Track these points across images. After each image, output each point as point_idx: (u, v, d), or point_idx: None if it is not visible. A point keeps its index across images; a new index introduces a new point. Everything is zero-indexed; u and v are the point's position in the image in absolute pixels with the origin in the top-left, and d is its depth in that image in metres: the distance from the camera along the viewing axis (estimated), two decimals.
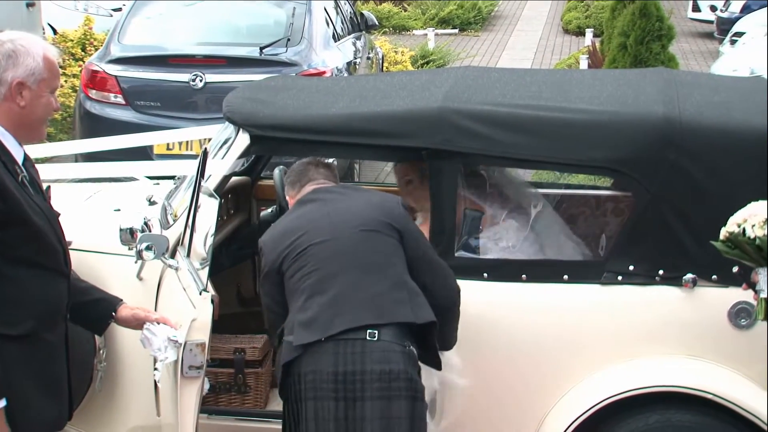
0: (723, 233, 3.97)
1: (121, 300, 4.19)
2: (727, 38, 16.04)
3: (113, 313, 4.14)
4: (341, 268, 4.24)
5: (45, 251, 3.72)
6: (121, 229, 4.58)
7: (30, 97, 3.68)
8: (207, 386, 4.47)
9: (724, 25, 17.84)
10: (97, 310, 4.15)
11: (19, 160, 3.75)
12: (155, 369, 4.24)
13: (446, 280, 4.41)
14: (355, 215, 4.36)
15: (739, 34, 15.54)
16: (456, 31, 21.37)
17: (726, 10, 18.97)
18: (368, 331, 4.10)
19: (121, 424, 4.91)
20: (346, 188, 4.66)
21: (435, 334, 4.26)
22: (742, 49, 14.38)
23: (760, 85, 5.34)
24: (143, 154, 8.20)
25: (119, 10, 13.77)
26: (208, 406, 4.90)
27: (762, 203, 3.90)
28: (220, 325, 4.71)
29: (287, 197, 4.71)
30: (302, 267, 4.25)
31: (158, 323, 4.15)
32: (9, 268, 3.60)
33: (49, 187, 4.08)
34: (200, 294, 4.22)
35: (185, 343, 4.14)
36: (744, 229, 3.85)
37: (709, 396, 4.38)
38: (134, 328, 4.20)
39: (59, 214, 3.98)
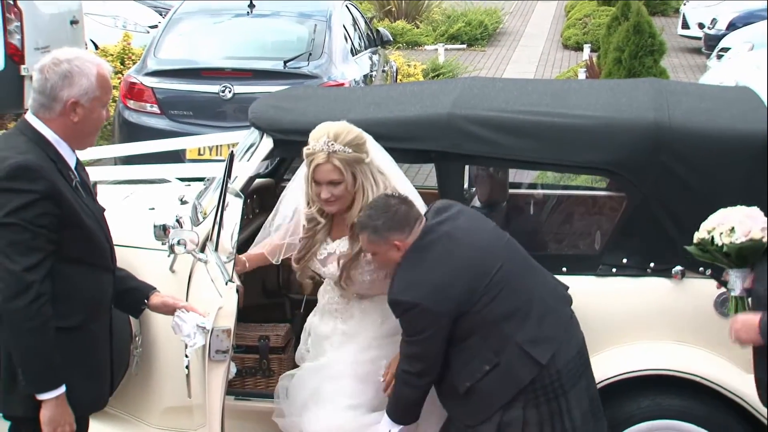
0: (695, 238, 3.91)
1: (155, 288, 4.20)
2: (714, 53, 15.97)
3: (146, 300, 4.15)
4: (526, 280, 4.16)
5: (95, 250, 3.76)
6: (155, 226, 4.59)
7: (83, 113, 3.71)
8: (234, 370, 4.47)
9: (711, 42, 17.76)
10: (133, 297, 4.17)
11: (72, 165, 3.78)
12: (185, 355, 4.26)
13: None
14: (487, 233, 4.25)
15: (725, 50, 15.47)
16: (464, 46, 21.34)
17: (713, 27, 18.89)
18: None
19: (156, 405, 4.92)
20: (442, 215, 4.25)
21: None
22: (727, 63, 14.32)
23: (743, 93, 5.32)
24: (176, 158, 8.21)
25: (155, 26, 13.80)
26: (235, 389, 4.90)
27: (730, 211, 3.85)
28: (246, 315, 4.72)
29: (395, 242, 4.10)
30: (496, 296, 4.03)
31: (187, 311, 4.17)
32: (63, 267, 3.63)
33: (95, 184, 4.11)
34: (226, 284, 4.23)
35: (212, 329, 4.16)
36: (713, 237, 3.79)
37: (696, 378, 4.36)
38: (165, 313, 4.23)
39: (104, 209, 4.01)
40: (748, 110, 4.82)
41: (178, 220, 4.67)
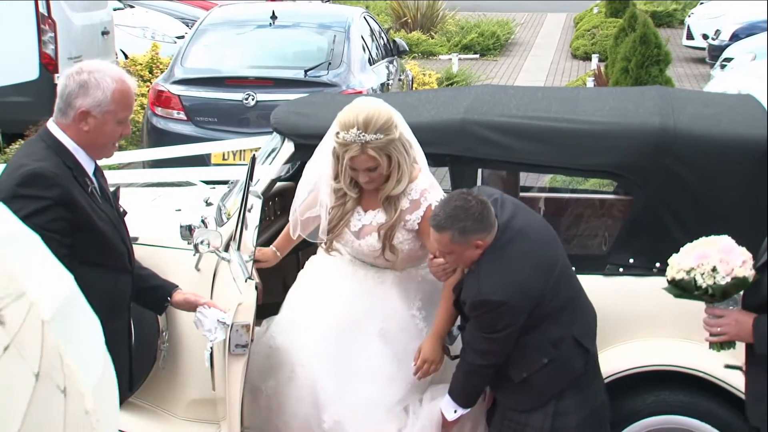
0: (669, 275, 3.61)
1: (177, 286, 4.21)
2: (718, 63, 15.92)
3: (169, 298, 4.16)
4: (571, 271, 4.17)
5: (110, 252, 3.75)
6: (181, 226, 4.61)
7: (94, 123, 3.69)
8: None
9: (715, 52, 17.71)
10: (156, 295, 4.18)
11: (90, 171, 3.77)
12: (206, 349, 4.27)
13: None
14: (544, 225, 4.20)
15: (728, 60, 15.42)
16: (477, 56, 21.32)
17: (717, 38, 18.83)
18: None
19: (181, 397, 4.92)
20: (507, 210, 4.10)
21: None
22: (730, 72, 14.27)
23: (745, 100, 5.31)
24: (201, 162, 8.24)
25: (182, 37, 13.82)
26: None
27: (703, 247, 3.58)
28: (266, 312, 4.72)
29: (477, 242, 3.92)
30: (558, 289, 4.00)
31: (208, 307, 4.18)
32: (79, 268, 3.59)
33: (118, 187, 4.10)
34: (245, 281, 4.24)
35: (232, 325, 4.16)
36: (695, 279, 3.51)
37: (701, 374, 4.34)
38: (187, 310, 4.24)
39: (126, 213, 4.00)
40: (749, 116, 4.80)
41: (203, 221, 4.68)
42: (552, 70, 19.87)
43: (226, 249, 4.65)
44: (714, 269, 3.45)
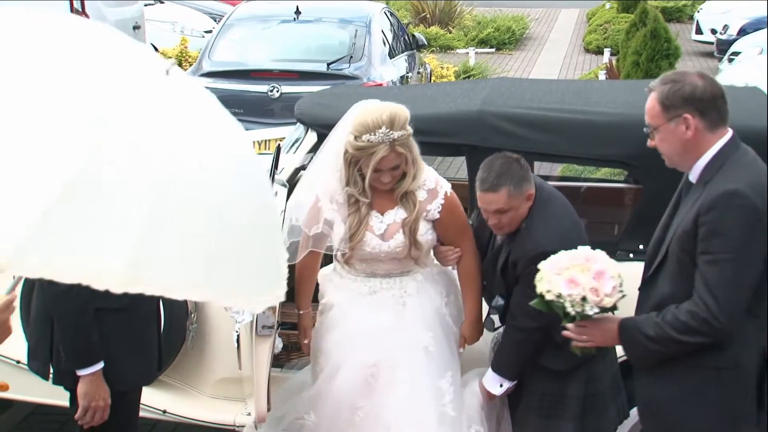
0: (540, 288, 3.46)
1: None
2: (726, 57, 15.81)
3: None
4: None
5: None
6: None
7: None
8: (280, 345, 4.49)
9: (723, 46, 17.60)
10: None
11: None
12: (235, 330, 4.28)
13: None
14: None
15: (736, 54, 15.32)
16: (493, 50, 21.27)
17: (725, 33, 18.72)
18: None
19: (209, 377, 4.94)
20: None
21: None
22: (738, 66, 14.17)
23: (752, 93, 5.27)
24: None
25: (210, 31, 13.84)
26: (281, 361, 4.91)
27: (573, 267, 3.42)
28: (292, 295, 4.72)
29: (529, 192, 3.92)
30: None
31: None
32: None
33: None
34: None
35: None
36: (564, 306, 3.37)
37: None
38: None
39: None
40: (756, 108, 4.77)
41: None
42: (565, 63, 19.80)
43: None
44: (584, 299, 3.35)
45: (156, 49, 14.66)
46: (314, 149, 5.00)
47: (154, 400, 4.68)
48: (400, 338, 4.12)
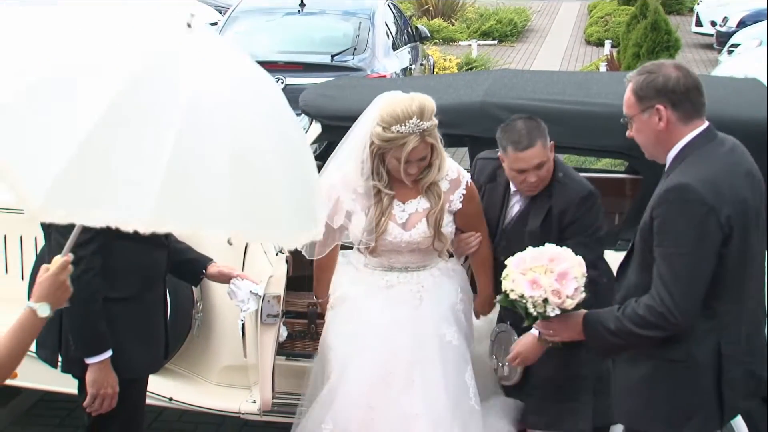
0: (504, 286, 3.44)
1: (211, 259, 4.22)
2: (725, 49, 15.79)
3: (204, 270, 4.17)
4: None
5: (140, 243, 3.67)
6: None
7: None
8: (285, 334, 4.49)
9: (723, 38, 17.58)
10: (192, 268, 4.18)
11: None
12: (240, 319, 4.28)
13: None
14: None
15: (736, 46, 15.30)
16: (495, 42, 21.24)
17: (724, 25, 18.68)
18: None
19: (214, 364, 4.94)
20: None
21: None
22: (738, 58, 14.15)
23: (751, 84, 5.27)
24: None
25: (215, 24, 13.82)
26: (286, 350, 4.91)
27: (537, 267, 3.40)
28: (296, 284, 4.73)
29: (551, 143, 4.04)
30: None
31: (241, 279, 4.17)
32: (119, 243, 3.61)
33: None
34: (276, 255, 4.24)
35: (264, 296, 4.17)
36: (526, 306, 3.37)
37: None
38: (221, 282, 4.24)
39: None
40: (755, 99, 4.76)
41: None
42: (566, 55, 19.77)
43: None
44: (545, 301, 3.34)
45: None
46: (318, 140, 5.01)
47: (160, 387, 4.69)
48: (417, 333, 4.06)
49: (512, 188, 4.20)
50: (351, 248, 4.21)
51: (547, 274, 3.36)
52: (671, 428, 3.29)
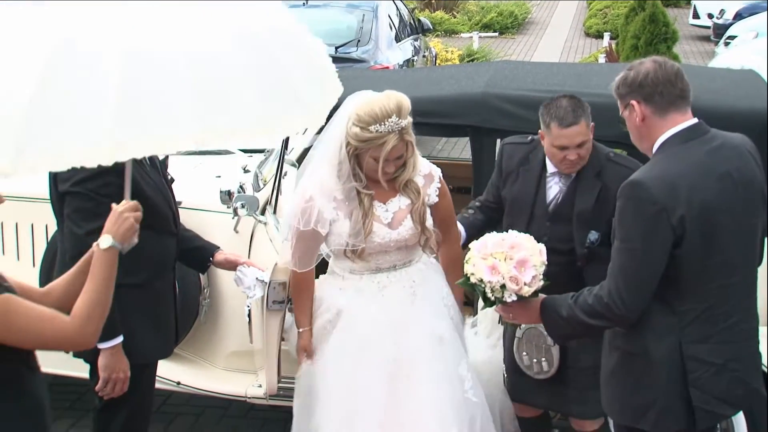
0: (466, 269, 3.42)
1: (218, 247, 4.22)
2: (722, 41, 15.77)
3: (211, 258, 4.17)
4: None
5: (156, 216, 3.70)
6: (221, 192, 4.61)
7: None
8: (290, 320, 4.48)
9: (720, 30, 17.54)
10: (199, 255, 4.20)
11: None
12: (246, 305, 4.29)
13: None
14: None
15: (732, 37, 15.28)
16: (496, 34, 21.21)
17: (721, 17, 18.65)
18: None
19: (221, 350, 4.95)
20: None
21: None
22: (734, 50, 14.12)
23: (748, 76, 5.26)
24: None
25: None
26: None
27: (499, 256, 3.36)
28: None
29: (592, 123, 4.04)
30: None
31: (247, 266, 4.17)
32: None
33: (166, 157, 4.11)
34: (282, 242, 4.24)
35: (269, 282, 4.17)
36: (484, 290, 3.35)
37: None
38: (228, 269, 4.25)
39: (173, 180, 4.00)
40: (752, 90, 4.75)
41: (241, 186, 4.68)
42: (566, 47, 19.74)
43: (263, 212, 4.66)
44: (503, 287, 3.33)
45: None
46: (321, 130, 5.00)
47: (168, 372, 4.70)
48: (414, 331, 3.95)
49: (549, 170, 4.13)
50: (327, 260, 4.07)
51: (507, 261, 3.35)
52: (630, 419, 3.29)
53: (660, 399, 3.19)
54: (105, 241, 2.85)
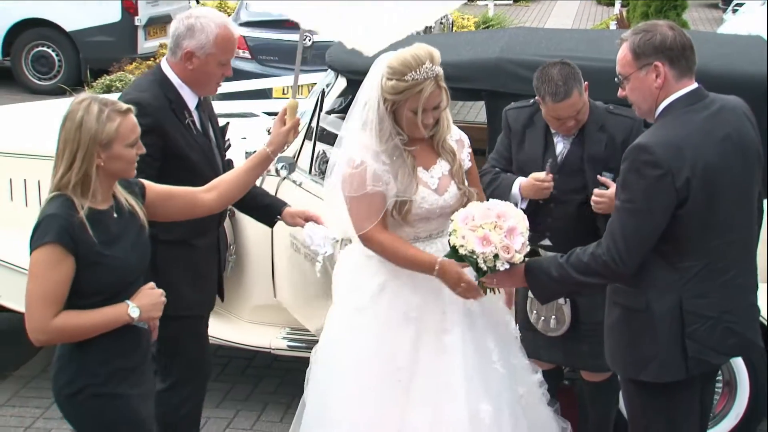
0: (452, 241, 3.33)
1: (286, 203, 4.20)
2: (730, 8, 15.57)
3: (279, 214, 4.15)
4: None
5: (198, 178, 3.64)
6: (246, 153, 4.58)
7: (198, 63, 3.74)
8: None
9: None
10: (268, 211, 4.18)
11: (192, 106, 3.80)
12: (317, 261, 4.11)
13: None
14: None
15: (740, 5, 15.08)
16: (511, 2, 21.04)
17: None
18: None
19: (246, 303, 4.99)
20: None
21: None
22: (742, 17, 13.95)
23: (755, 42, 5.20)
24: (264, 95, 8.22)
25: None
26: None
27: (489, 227, 3.28)
28: None
29: (585, 83, 3.97)
30: None
31: (316, 223, 4.04)
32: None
33: (227, 123, 4.17)
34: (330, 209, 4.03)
35: (341, 240, 4.00)
36: (476, 261, 3.28)
37: None
38: (291, 225, 4.16)
39: (230, 146, 4.11)
40: (759, 56, 4.70)
41: None
42: (578, 14, 19.57)
43: (291, 172, 4.68)
44: (496, 256, 3.28)
45: (198, 1, 14.58)
46: (343, 94, 4.97)
47: None
48: (446, 302, 3.68)
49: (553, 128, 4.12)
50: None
51: (497, 231, 3.30)
52: (632, 372, 3.29)
53: (661, 353, 3.19)
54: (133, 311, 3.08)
